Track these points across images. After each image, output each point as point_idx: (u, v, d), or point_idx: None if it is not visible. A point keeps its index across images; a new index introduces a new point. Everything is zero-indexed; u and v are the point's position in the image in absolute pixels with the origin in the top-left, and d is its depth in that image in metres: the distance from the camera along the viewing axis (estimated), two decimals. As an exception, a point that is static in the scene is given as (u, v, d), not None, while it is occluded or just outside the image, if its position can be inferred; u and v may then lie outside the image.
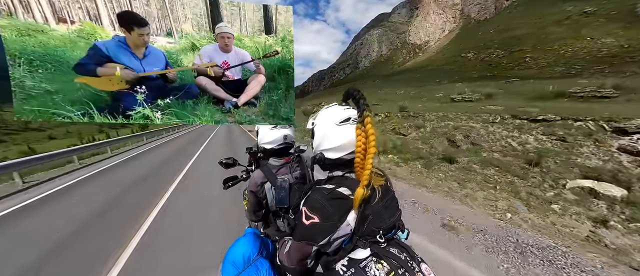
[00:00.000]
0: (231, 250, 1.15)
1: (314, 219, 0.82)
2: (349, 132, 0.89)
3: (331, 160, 0.96)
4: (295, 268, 0.91)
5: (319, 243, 0.82)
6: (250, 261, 1.09)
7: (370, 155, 0.79)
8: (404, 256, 0.79)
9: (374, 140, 0.80)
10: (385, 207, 0.89)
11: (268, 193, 1.40)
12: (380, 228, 0.84)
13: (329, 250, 0.84)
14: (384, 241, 0.83)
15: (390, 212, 0.91)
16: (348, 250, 0.81)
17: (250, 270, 1.05)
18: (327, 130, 0.94)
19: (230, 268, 1.08)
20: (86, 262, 2.91)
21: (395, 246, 0.83)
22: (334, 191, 0.84)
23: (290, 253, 0.91)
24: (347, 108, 0.96)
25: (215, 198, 4.68)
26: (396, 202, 0.98)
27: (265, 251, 1.19)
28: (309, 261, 0.88)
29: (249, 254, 1.11)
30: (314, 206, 0.84)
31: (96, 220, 4.10)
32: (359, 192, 0.78)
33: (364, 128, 0.82)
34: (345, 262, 0.78)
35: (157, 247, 3.14)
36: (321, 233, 0.81)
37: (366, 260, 0.77)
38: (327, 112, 0.97)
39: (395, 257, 0.78)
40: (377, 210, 0.85)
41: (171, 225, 3.74)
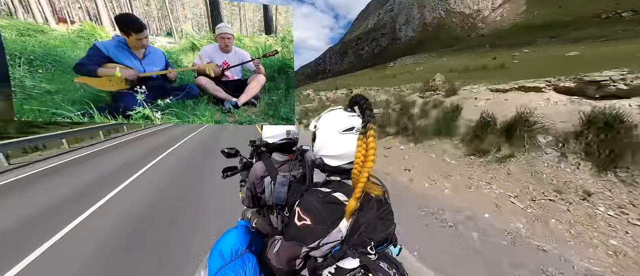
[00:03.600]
0: (220, 241, 1.14)
1: (306, 221, 0.82)
2: (350, 142, 0.87)
3: (330, 167, 0.95)
4: (283, 269, 0.90)
5: (309, 245, 0.82)
6: (238, 255, 1.08)
7: (367, 169, 0.78)
8: (392, 272, 0.78)
9: (373, 154, 0.79)
10: (380, 218, 0.87)
11: (267, 187, 1.41)
12: (372, 240, 0.81)
13: (317, 254, 0.84)
14: (374, 254, 0.81)
15: (385, 224, 0.89)
16: (337, 258, 0.81)
17: (236, 263, 1.04)
18: (329, 137, 0.92)
19: (217, 259, 1.07)
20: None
21: (386, 261, 0.81)
22: (330, 195, 0.84)
23: (279, 253, 0.91)
24: (352, 115, 0.93)
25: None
26: (392, 215, 0.96)
27: (254, 246, 1.18)
28: (297, 262, 0.88)
29: (238, 247, 1.11)
30: (307, 208, 0.84)
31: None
32: (350, 204, 0.78)
33: (366, 140, 0.80)
34: (333, 270, 0.78)
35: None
36: (312, 235, 0.81)
37: (354, 271, 0.76)
38: (330, 117, 0.95)
39: (384, 272, 0.76)
40: (371, 220, 0.84)
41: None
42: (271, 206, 1.41)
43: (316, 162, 1.00)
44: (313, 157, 1.04)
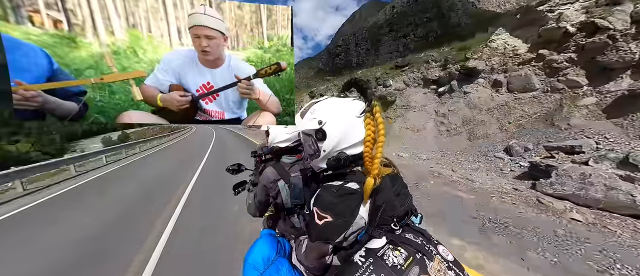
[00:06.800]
0: (250, 253, 1.16)
1: (326, 218, 0.81)
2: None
3: (352, 156, 0.90)
4: (315, 267, 0.91)
5: (335, 241, 0.81)
6: (270, 262, 1.11)
7: (380, 144, 0.82)
8: (420, 240, 0.80)
9: (383, 130, 0.83)
10: (396, 194, 0.89)
11: (282, 190, 1.37)
12: (393, 217, 0.84)
13: (345, 244, 0.84)
14: (398, 229, 0.83)
15: (402, 199, 0.90)
16: (364, 242, 0.82)
17: (270, 270, 1.06)
18: (348, 125, 0.89)
19: (252, 271, 1.09)
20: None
21: (411, 232, 0.84)
22: (343, 187, 0.83)
23: (308, 254, 0.92)
24: (352, 99, 0.94)
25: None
26: (406, 188, 0.97)
27: (283, 250, 1.20)
28: (327, 258, 0.88)
29: (268, 255, 1.13)
30: (324, 205, 0.83)
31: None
32: (369, 182, 0.79)
33: (374, 117, 0.84)
34: (363, 253, 0.79)
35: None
36: (335, 231, 0.80)
37: (383, 249, 0.78)
38: (335, 107, 0.92)
39: (412, 242, 0.78)
40: (389, 199, 0.85)
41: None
42: (291, 208, 1.38)
43: (334, 160, 0.89)
44: (325, 156, 0.92)
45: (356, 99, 0.93)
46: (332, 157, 0.89)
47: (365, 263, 0.76)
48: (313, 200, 0.89)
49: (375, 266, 0.74)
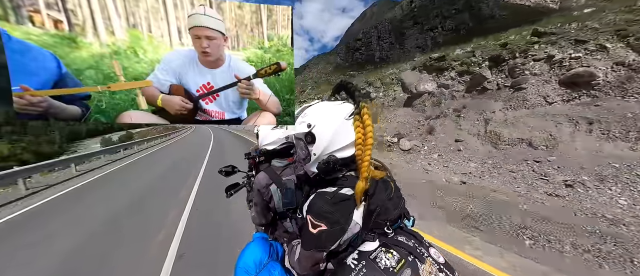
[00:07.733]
0: (241, 257, 1.15)
1: (321, 227, 0.79)
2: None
3: (342, 160, 0.89)
4: (309, 274, 0.90)
5: (330, 249, 0.80)
6: (262, 265, 1.10)
7: (368, 147, 0.82)
8: (412, 243, 0.81)
9: (371, 132, 0.82)
10: (389, 198, 0.89)
11: (274, 195, 1.36)
12: (387, 220, 0.85)
13: (339, 249, 0.84)
14: (391, 232, 0.84)
15: (395, 203, 0.91)
16: (357, 245, 0.83)
17: (262, 274, 1.05)
18: (337, 127, 0.87)
19: (243, 275, 1.08)
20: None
21: (403, 235, 0.85)
22: (337, 194, 0.82)
23: (301, 261, 0.89)
24: (341, 103, 0.93)
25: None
26: (399, 191, 0.97)
27: (275, 254, 1.19)
28: (321, 265, 0.87)
29: (260, 258, 1.12)
30: (319, 213, 0.81)
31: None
32: (359, 185, 0.79)
33: (362, 119, 0.83)
34: (356, 256, 0.79)
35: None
36: (330, 239, 0.79)
37: (376, 251, 0.78)
38: (324, 110, 0.91)
39: (404, 245, 0.80)
40: (382, 203, 0.86)
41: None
42: (283, 212, 1.36)
43: (323, 163, 0.86)
44: (315, 160, 0.90)
45: (346, 102, 0.93)
46: (323, 161, 0.87)
47: (358, 265, 0.76)
48: (306, 208, 0.87)
49: (367, 268, 0.75)
